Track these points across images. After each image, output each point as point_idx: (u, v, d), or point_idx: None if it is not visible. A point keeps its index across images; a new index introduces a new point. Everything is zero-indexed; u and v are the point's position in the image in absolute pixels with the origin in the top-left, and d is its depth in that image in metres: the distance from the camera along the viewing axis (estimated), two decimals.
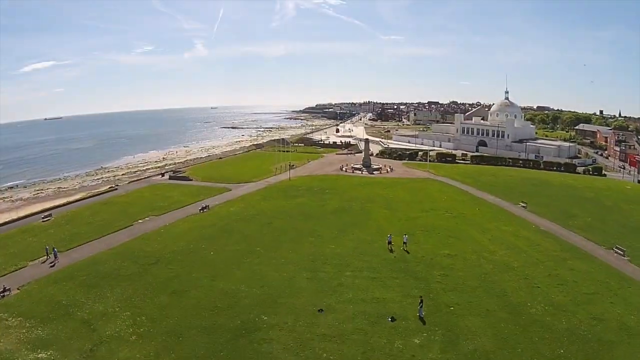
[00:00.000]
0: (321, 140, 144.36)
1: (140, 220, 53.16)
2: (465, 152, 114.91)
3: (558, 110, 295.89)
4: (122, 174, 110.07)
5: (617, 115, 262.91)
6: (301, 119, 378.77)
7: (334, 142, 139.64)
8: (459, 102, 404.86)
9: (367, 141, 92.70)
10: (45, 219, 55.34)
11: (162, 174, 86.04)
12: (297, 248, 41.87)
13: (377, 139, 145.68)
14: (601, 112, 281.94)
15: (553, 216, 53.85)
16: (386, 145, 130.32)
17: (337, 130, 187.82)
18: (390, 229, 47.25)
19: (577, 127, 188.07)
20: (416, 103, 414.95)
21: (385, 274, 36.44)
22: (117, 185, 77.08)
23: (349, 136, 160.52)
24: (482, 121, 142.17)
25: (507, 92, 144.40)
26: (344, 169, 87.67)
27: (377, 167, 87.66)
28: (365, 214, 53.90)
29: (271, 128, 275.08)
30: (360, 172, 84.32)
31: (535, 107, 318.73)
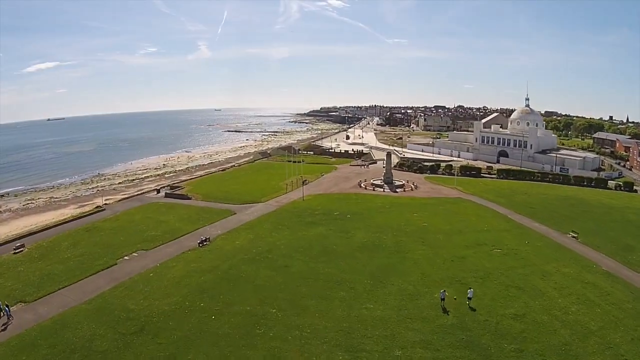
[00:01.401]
0: (331, 149, 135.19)
1: (126, 257, 43.88)
2: (489, 165, 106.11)
3: (566, 115, 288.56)
4: (119, 183, 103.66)
5: (625, 120, 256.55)
6: (306, 123, 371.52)
7: (345, 151, 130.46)
8: (465, 107, 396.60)
9: (389, 154, 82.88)
10: (17, 251, 46.68)
11: (158, 190, 76.33)
12: (325, 309, 32.25)
13: (392, 148, 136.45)
14: (611, 117, 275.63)
15: (608, 249, 46.48)
16: (402, 155, 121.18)
17: (347, 137, 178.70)
18: (437, 276, 38.39)
19: (595, 136, 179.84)
20: (422, 107, 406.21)
21: (446, 353, 27.16)
22: (106, 203, 67.68)
23: (360, 144, 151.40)
24: (502, 130, 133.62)
25: (527, 99, 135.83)
26: (362, 185, 78.29)
27: (400, 183, 78.19)
28: (400, 253, 44.28)
29: (276, 132, 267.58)
30: (381, 189, 74.80)
31: (543, 112, 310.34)
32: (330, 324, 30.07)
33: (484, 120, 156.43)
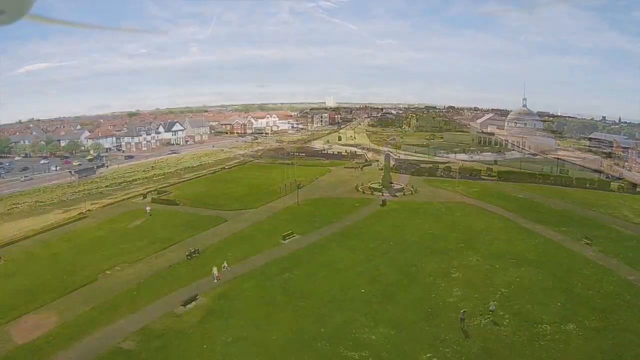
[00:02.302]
0: (324, 150, 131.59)
1: (107, 271, 40.03)
2: (489, 167, 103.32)
3: (559, 116, 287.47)
4: (106, 186, 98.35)
5: (618, 121, 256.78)
6: (296, 123, 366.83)
7: (338, 152, 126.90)
8: (456, 107, 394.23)
9: (387, 156, 79.65)
10: None
11: (144, 195, 72.04)
12: (333, 332, 28.72)
13: (385, 149, 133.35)
14: (604, 118, 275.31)
15: (625, 258, 43.97)
16: (397, 156, 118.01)
17: (339, 138, 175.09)
18: (452, 293, 35.62)
19: (591, 136, 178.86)
20: (414, 107, 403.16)
21: None
22: (89, 210, 63.47)
23: (353, 145, 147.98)
24: (499, 130, 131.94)
25: (524, 100, 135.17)
26: (360, 189, 74.78)
27: (399, 186, 74.85)
28: (410, 265, 40.91)
29: (267, 133, 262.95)
30: (380, 193, 71.32)
31: (535, 113, 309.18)
32: (345, 350, 26.55)
33: (479, 121, 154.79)
